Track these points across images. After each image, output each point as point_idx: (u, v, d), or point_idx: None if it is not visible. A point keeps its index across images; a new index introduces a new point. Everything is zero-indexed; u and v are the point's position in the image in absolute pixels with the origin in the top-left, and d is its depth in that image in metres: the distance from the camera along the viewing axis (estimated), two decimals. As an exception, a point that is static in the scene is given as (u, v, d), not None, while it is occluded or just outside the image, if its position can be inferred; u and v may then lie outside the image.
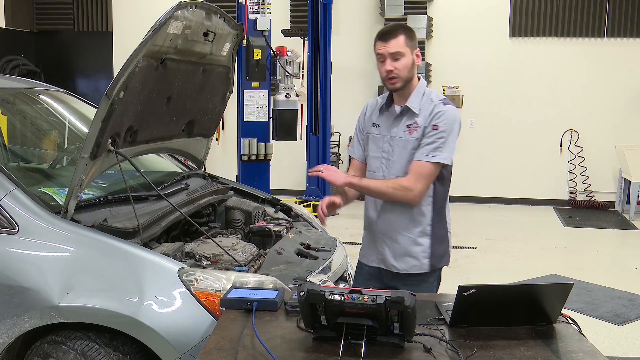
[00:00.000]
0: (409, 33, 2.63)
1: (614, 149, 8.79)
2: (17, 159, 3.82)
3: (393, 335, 1.90)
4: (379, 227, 2.76)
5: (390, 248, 2.73)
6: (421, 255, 2.71)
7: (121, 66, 2.56)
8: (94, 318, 2.43)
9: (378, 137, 2.75)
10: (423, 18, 8.88)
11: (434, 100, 2.66)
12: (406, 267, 2.71)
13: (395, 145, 2.69)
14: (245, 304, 2.19)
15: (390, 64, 2.60)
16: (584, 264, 6.28)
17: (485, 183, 9.20)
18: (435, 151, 2.60)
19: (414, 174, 2.61)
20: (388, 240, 2.74)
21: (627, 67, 8.79)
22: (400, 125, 2.69)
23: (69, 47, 10.03)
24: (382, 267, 2.78)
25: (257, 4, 6.73)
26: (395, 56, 2.59)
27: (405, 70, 2.61)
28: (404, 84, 2.63)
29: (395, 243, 2.72)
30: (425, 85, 2.72)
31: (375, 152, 2.76)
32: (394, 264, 2.73)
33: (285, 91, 7.07)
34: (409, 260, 2.71)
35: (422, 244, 2.71)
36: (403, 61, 2.60)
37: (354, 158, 2.91)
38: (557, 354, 1.91)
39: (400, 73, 2.61)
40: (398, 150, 2.68)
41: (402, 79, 2.62)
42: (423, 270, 2.72)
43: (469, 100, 9.16)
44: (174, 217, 3.06)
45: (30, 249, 2.56)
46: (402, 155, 2.67)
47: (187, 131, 3.54)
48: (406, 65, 2.61)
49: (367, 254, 2.85)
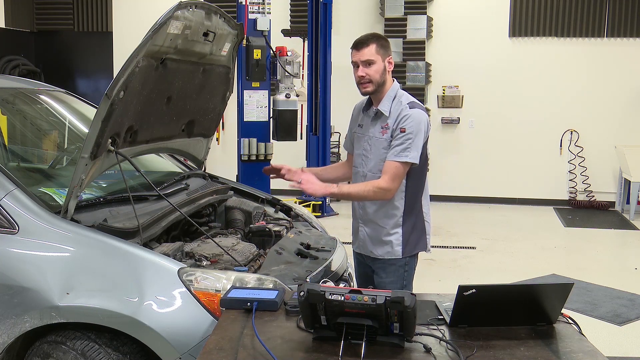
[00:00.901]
0: (381, 42, 2.90)
1: (614, 149, 8.79)
2: (17, 159, 3.82)
3: (393, 335, 1.90)
4: (360, 217, 3.07)
5: (369, 235, 3.03)
6: (395, 244, 2.97)
7: (121, 66, 2.56)
8: (94, 318, 2.43)
9: (360, 136, 3.05)
10: (423, 18, 8.88)
11: (402, 103, 2.91)
12: (382, 253, 3.00)
13: (372, 144, 2.97)
14: (245, 304, 2.19)
15: (362, 70, 2.89)
16: (584, 264, 6.28)
17: (485, 183, 9.20)
18: (404, 152, 2.84)
19: (389, 175, 2.86)
20: (366, 229, 3.04)
21: (627, 67, 8.79)
22: (377, 126, 2.97)
23: (69, 47, 10.03)
24: (360, 252, 3.10)
25: (257, 4, 6.73)
26: (367, 63, 2.87)
27: (377, 75, 2.88)
28: (375, 88, 2.91)
29: (372, 232, 3.01)
30: (397, 89, 2.97)
31: (357, 149, 3.06)
32: (372, 249, 3.03)
33: (285, 91, 7.07)
34: (384, 247, 2.99)
35: (396, 233, 2.97)
36: (374, 67, 2.88)
37: (348, 152, 3.23)
38: (557, 354, 1.92)
39: (372, 78, 2.88)
40: (374, 149, 2.96)
41: (373, 83, 2.89)
42: (396, 256, 2.98)
43: (469, 100, 9.16)
44: (174, 217, 3.06)
45: (30, 249, 2.56)
46: (375, 154, 2.96)
47: (187, 131, 3.54)
48: (377, 71, 2.88)
49: (354, 240, 3.16)
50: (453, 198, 9.07)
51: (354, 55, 2.93)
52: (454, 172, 9.14)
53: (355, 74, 2.94)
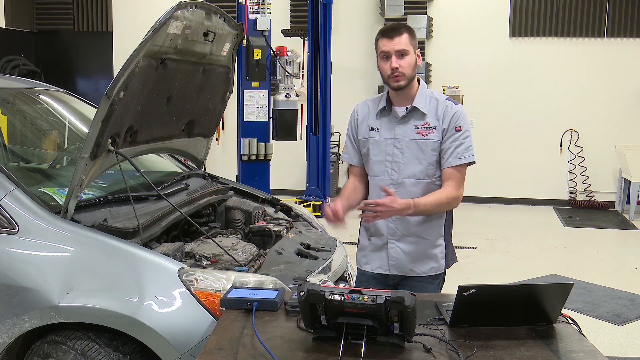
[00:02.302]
0: (412, 32, 2.62)
1: (614, 149, 8.79)
2: (17, 159, 3.82)
3: (393, 335, 1.90)
4: (392, 232, 2.70)
5: (408, 252, 2.69)
6: (439, 257, 2.73)
7: (121, 66, 2.56)
8: (94, 318, 2.43)
9: (380, 140, 2.70)
10: (423, 18, 8.88)
11: (440, 100, 2.66)
12: (425, 269, 2.71)
13: (405, 148, 2.65)
14: (245, 304, 2.19)
15: (396, 61, 2.56)
16: (584, 264, 6.27)
17: (485, 183, 9.19)
18: (466, 152, 2.63)
19: (455, 181, 2.62)
20: (403, 245, 2.70)
21: (627, 67, 8.79)
22: (409, 126, 2.65)
23: (69, 47, 10.03)
24: (392, 273, 2.73)
25: (257, 4, 6.73)
26: (400, 53, 2.57)
27: (410, 68, 2.58)
28: (407, 83, 2.60)
29: (413, 246, 2.69)
30: (426, 86, 2.72)
31: (378, 156, 2.70)
32: (412, 267, 2.71)
33: (285, 91, 7.07)
34: (428, 262, 2.71)
35: (440, 245, 2.73)
36: (407, 59, 2.58)
37: (352, 165, 2.84)
38: (557, 354, 1.91)
39: (405, 71, 2.57)
40: (409, 153, 2.64)
41: (406, 77, 2.58)
42: (440, 271, 2.74)
43: (469, 100, 9.15)
44: (174, 217, 3.06)
45: (30, 249, 2.55)
46: (415, 157, 2.64)
47: (187, 131, 3.54)
48: (410, 63, 2.59)
49: (372, 260, 2.78)
50: (453, 198, 9.04)
51: (384, 45, 2.58)
52: (454, 172, 9.12)
53: (385, 65, 2.59)
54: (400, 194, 2.62)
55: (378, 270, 2.76)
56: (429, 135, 2.63)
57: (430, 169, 2.65)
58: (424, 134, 2.63)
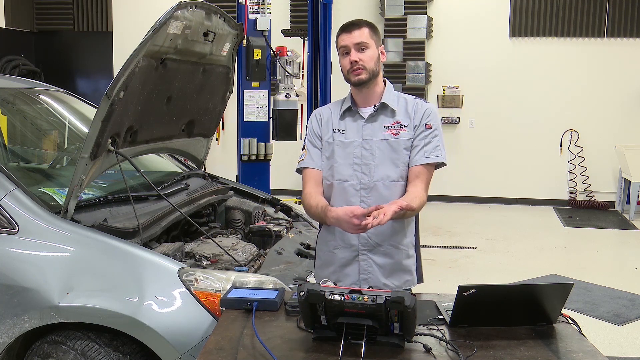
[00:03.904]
0: (373, 28, 2.51)
1: (614, 149, 8.78)
2: (17, 159, 3.82)
3: (393, 335, 1.90)
4: (363, 243, 2.49)
5: (380, 265, 2.49)
6: (412, 268, 2.56)
7: (121, 66, 2.56)
8: (94, 318, 2.43)
9: (346, 142, 2.51)
10: (423, 18, 8.88)
11: (409, 99, 2.54)
12: (399, 283, 2.52)
13: (375, 149, 2.48)
14: (245, 304, 2.19)
15: (355, 54, 2.43)
16: (584, 264, 6.27)
17: (485, 183, 9.20)
18: (434, 151, 2.48)
19: (423, 181, 2.46)
20: (375, 257, 2.49)
21: (627, 67, 8.78)
22: (376, 126, 2.50)
23: (69, 47, 10.02)
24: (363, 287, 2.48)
25: (257, 4, 6.73)
26: (360, 46, 2.44)
27: (372, 62, 2.45)
28: (369, 77, 2.45)
29: (386, 259, 2.50)
30: (393, 88, 2.59)
31: (345, 159, 2.51)
32: (385, 281, 2.49)
33: (285, 91, 7.07)
34: (402, 275, 2.53)
35: (413, 256, 2.56)
36: (369, 53, 2.45)
37: (309, 168, 2.56)
38: (557, 354, 1.91)
39: (366, 64, 2.43)
40: (380, 154, 2.48)
41: (367, 70, 2.44)
42: (413, 284, 2.56)
43: (469, 100, 9.16)
44: (174, 217, 3.06)
45: (30, 249, 2.55)
46: (387, 159, 2.48)
47: (187, 131, 3.54)
48: (372, 57, 2.45)
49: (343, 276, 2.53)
50: (453, 198, 9.06)
51: (343, 40, 2.48)
52: (453, 172, 9.10)
53: (344, 60, 2.47)
54: (372, 197, 2.47)
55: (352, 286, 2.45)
56: (400, 134, 2.48)
57: (404, 170, 2.49)
58: (395, 133, 2.48)
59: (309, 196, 2.52)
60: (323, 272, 2.60)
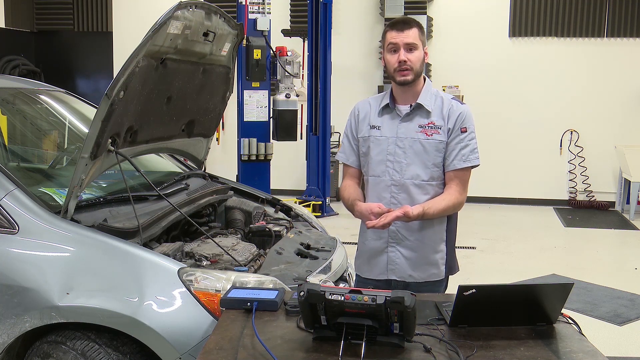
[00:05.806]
0: (422, 28, 2.55)
1: (614, 149, 8.79)
2: (17, 159, 3.82)
3: (393, 335, 1.90)
4: (392, 236, 2.60)
5: (408, 258, 2.59)
6: (440, 263, 2.62)
7: (121, 66, 2.56)
8: (94, 318, 2.43)
9: (381, 139, 2.58)
10: (423, 18, 8.87)
11: (445, 99, 2.57)
12: (424, 275, 2.60)
13: (408, 147, 2.54)
14: (245, 304, 2.19)
15: (404, 54, 2.47)
16: (584, 264, 6.28)
17: (485, 183, 9.17)
18: (472, 154, 2.55)
19: (460, 184, 2.55)
20: (404, 250, 2.59)
21: (627, 67, 8.79)
22: (411, 125, 2.55)
23: (69, 47, 10.03)
24: (390, 278, 2.62)
25: (257, 4, 6.73)
26: (409, 47, 2.48)
27: (418, 63, 2.50)
28: (414, 78, 2.51)
29: (413, 252, 2.59)
30: (432, 85, 2.63)
31: (378, 155, 2.58)
32: (411, 273, 2.59)
33: (285, 91, 7.08)
34: (427, 268, 2.61)
35: (441, 250, 2.63)
36: (416, 54, 2.49)
37: (348, 165, 2.72)
38: (557, 354, 1.91)
39: (413, 65, 2.48)
40: (412, 153, 2.53)
41: (414, 72, 2.49)
42: (440, 277, 2.64)
43: (469, 100, 9.14)
44: (174, 217, 3.06)
45: (30, 249, 2.55)
46: (418, 158, 2.53)
47: (187, 131, 3.54)
48: (419, 58, 2.50)
49: (372, 266, 2.67)
50: (453, 198, 9.05)
51: (393, 37, 2.48)
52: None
53: (392, 58, 2.49)
54: (402, 195, 2.55)
55: (381, 276, 2.64)
56: (433, 135, 2.52)
57: (435, 171, 2.55)
58: (429, 134, 2.53)
59: (343, 189, 2.71)
60: (357, 261, 2.78)
